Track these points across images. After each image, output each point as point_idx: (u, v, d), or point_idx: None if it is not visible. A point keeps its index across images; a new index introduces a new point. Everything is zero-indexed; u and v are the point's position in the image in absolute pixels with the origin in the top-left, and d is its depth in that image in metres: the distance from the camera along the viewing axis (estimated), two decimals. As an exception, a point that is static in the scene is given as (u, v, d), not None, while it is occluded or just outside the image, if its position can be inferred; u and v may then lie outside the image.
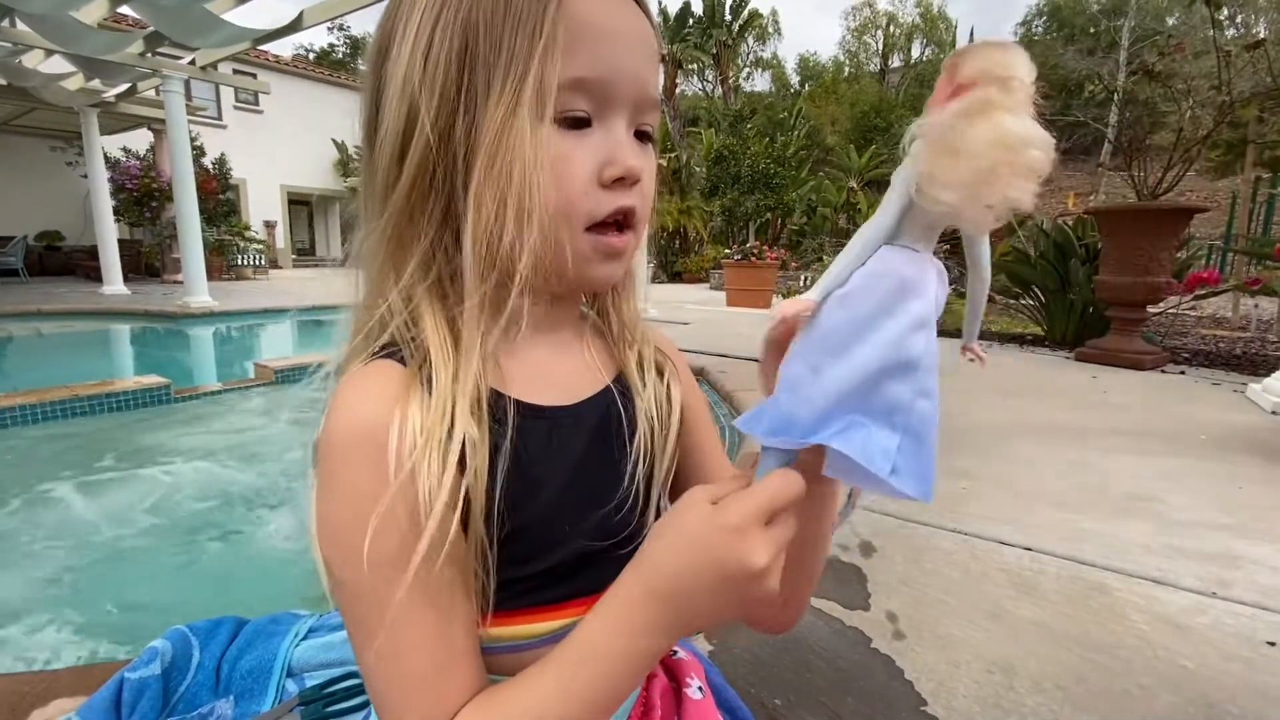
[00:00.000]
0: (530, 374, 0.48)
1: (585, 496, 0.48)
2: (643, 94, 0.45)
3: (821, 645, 1.21)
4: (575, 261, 0.45)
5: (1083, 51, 22.90)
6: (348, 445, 0.40)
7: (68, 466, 2.65)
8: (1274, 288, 4.86)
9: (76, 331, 6.96)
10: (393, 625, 0.39)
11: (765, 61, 35.61)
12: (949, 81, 0.34)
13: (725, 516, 0.37)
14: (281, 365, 4.06)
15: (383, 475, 0.39)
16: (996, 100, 0.32)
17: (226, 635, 0.81)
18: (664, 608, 0.39)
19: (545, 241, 0.43)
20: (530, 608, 0.46)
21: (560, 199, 0.43)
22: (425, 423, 0.40)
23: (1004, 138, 0.32)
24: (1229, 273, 6.55)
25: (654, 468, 0.53)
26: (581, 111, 0.43)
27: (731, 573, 0.36)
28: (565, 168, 0.43)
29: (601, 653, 0.40)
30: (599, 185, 0.44)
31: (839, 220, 16.95)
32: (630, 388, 0.53)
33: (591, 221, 0.44)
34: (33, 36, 6.45)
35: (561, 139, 0.43)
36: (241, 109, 17.63)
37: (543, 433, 0.46)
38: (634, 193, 0.45)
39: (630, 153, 0.44)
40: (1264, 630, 1.29)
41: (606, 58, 0.43)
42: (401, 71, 0.42)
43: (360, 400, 0.41)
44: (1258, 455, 2.44)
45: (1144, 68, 4.63)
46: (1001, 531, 1.72)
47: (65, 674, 1.05)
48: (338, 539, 0.40)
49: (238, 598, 1.79)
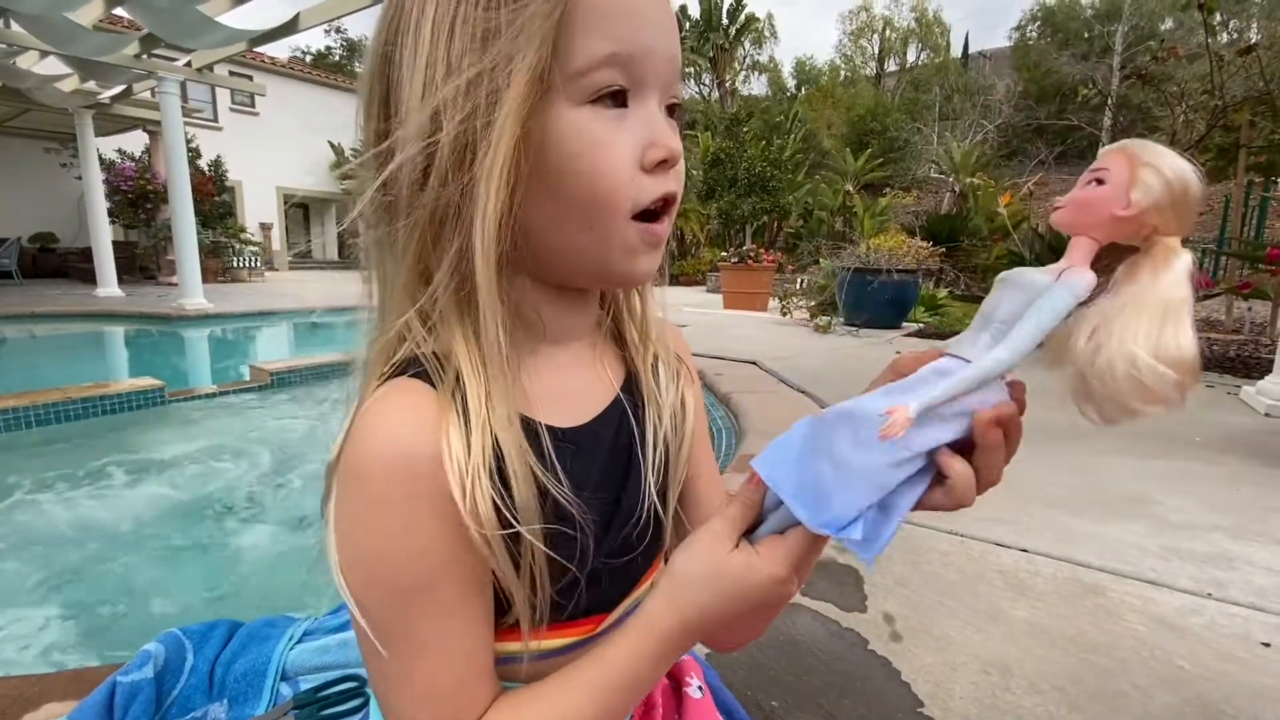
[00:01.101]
0: (550, 394, 0.46)
1: (604, 515, 0.47)
2: (671, 69, 0.42)
3: (818, 647, 1.21)
4: (622, 254, 0.42)
5: (1077, 56, 23.02)
6: (381, 475, 0.38)
7: (59, 469, 2.63)
8: (1265, 291, 4.88)
9: (70, 334, 6.92)
10: (417, 649, 0.39)
11: (762, 65, 35.74)
12: (1124, 194, 0.32)
13: (779, 569, 0.40)
14: (277, 368, 4.04)
15: (419, 506, 0.37)
16: (1178, 300, 0.31)
17: (220, 638, 0.80)
18: (695, 638, 0.42)
19: (592, 235, 0.41)
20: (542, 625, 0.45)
21: (606, 188, 0.40)
22: (465, 453, 0.38)
23: (1192, 372, 0.30)
24: (1223, 275, 6.59)
25: (668, 479, 0.52)
26: (618, 87, 0.40)
27: (777, 608, 0.42)
28: (607, 154, 0.39)
29: (629, 681, 0.42)
30: (642, 170, 0.41)
31: (835, 223, 16.98)
32: (642, 395, 0.52)
33: (637, 209, 0.41)
34: (27, 38, 6.43)
35: (599, 121, 0.39)
36: (238, 111, 17.59)
37: (568, 456, 0.44)
38: (674, 176, 0.43)
39: (671, 134, 0.42)
40: (1259, 631, 1.30)
41: (637, 30, 0.40)
42: (420, 77, 0.38)
43: (396, 428, 0.38)
44: (1252, 457, 2.45)
45: (1137, 72, 4.66)
46: (998, 533, 1.72)
47: (57, 678, 1.04)
48: (361, 566, 0.38)
49: (232, 601, 1.78)
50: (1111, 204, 0.32)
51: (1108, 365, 0.31)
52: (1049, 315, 0.33)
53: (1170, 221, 0.32)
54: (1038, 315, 0.33)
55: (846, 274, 6.62)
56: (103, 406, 3.32)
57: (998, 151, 20.78)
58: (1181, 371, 0.30)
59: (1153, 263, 0.32)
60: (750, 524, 0.42)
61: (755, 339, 5.68)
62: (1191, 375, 0.31)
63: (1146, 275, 0.32)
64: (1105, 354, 0.32)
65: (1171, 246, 0.32)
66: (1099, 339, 0.32)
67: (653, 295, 0.55)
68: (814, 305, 7.28)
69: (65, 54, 6.72)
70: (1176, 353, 0.30)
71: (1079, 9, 28.45)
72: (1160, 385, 0.31)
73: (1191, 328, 0.31)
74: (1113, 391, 0.32)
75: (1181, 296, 0.31)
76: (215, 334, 7.20)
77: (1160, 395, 0.31)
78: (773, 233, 18.05)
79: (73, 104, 9.04)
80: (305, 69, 20.71)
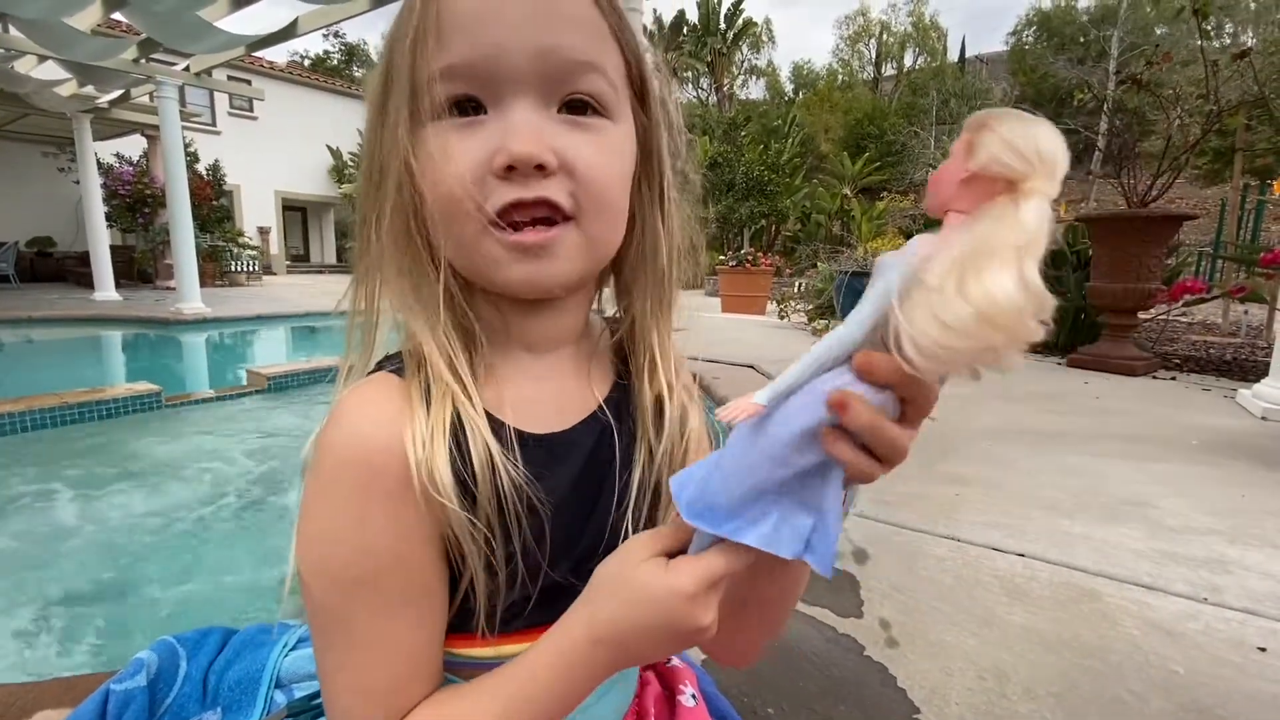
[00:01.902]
0: (522, 400, 0.46)
1: (572, 528, 0.47)
2: (546, 63, 0.39)
3: (814, 653, 1.21)
4: (488, 263, 0.41)
5: (1073, 60, 23.14)
6: (339, 463, 0.40)
7: (55, 475, 2.62)
8: (1261, 295, 4.90)
9: (67, 338, 6.90)
10: (355, 642, 0.40)
11: (759, 69, 35.87)
12: (962, 161, 0.30)
13: (681, 582, 0.37)
14: (275, 372, 4.03)
15: (370, 498, 0.38)
16: (1005, 243, 0.28)
17: (214, 646, 0.80)
18: (609, 654, 0.40)
19: (455, 246, 0.41)
20: (505, 634, 0.45)
21: (444, 197, 0.39)
22: (421, 448, 0.39)
23: (999, 316, 0.27)
24: (1220, 279, 6.61)
25: (656, 511, 0.50)
26: (462, 96, 0.39)
27: (681, 631, 0.38)
28: (445, 165, 0.39)
29: (543, 692, 0.40)
30: (495, 177, 0.39)
31: (833, 227, 17.02)
32: (633, 419, 0.50)
33: (489, 218, 0.39)
34: (26, 42, 6.43)
35: (445, 134, 0.39)
36: (236, 115, 17.60)
37: (537, 461, 0.44)
38: (546, 182, 0.39)
39: (523, 136, 0.38)
40: (1254, 635, 1.30)
41: (484, 35, 0.38)
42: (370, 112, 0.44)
43: (358, 419, 0.40)
44: (1248, 460, 2.45)
45: (1133, 78, 4.68)
46: (994, 537, 1.72)
47: (50, 685, 1.03)
48: (312, 550, 0.40)
49: (226, 607, 1.77)
50: (954, 172, 0.30)
51: (917, 317, 0.29)
52: (881, 288, 0.32)
53: (1023, 172, 0.28)
54: (872, 291, 0.33)
55: (844, 278, 6.63)
56: (99, 412, 3.31)
57: (994, 155, 20.80)
58: (993, 318, 0.27)
59: (995, 211, 0.29)
60: (680, 543, 0.40)
61: (753, 342, 5.69)
62: (1005, 322, 0.27)
63: (983, 224, 0.29)
64: (913, 306, 0.30)
65: (1023, 193, 0.28)
66: (915, 295, 0.30)
67: (668, 322, 0.51)
68: (812, 309, 7.29)
69: (64, 58, 6.73)
70: (983, 299, 0.27)
71: (1074, 14, 28.60)
72: (968, 334, 0.28)
73: (1017, 272, 0.27)
74: (929, 345, 0.29)
75: (1008, 241, 0.28)
76: (213, 338, 7.19)
77: (973, 346, 0.28)
78: (771, 236, 18.09)
79: (71, 108, 9.05)
80: (304, 73, 20.72)
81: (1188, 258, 6.35)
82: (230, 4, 5.64)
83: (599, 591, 0.40)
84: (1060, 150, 0.28)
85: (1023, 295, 0.27)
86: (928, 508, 1.91)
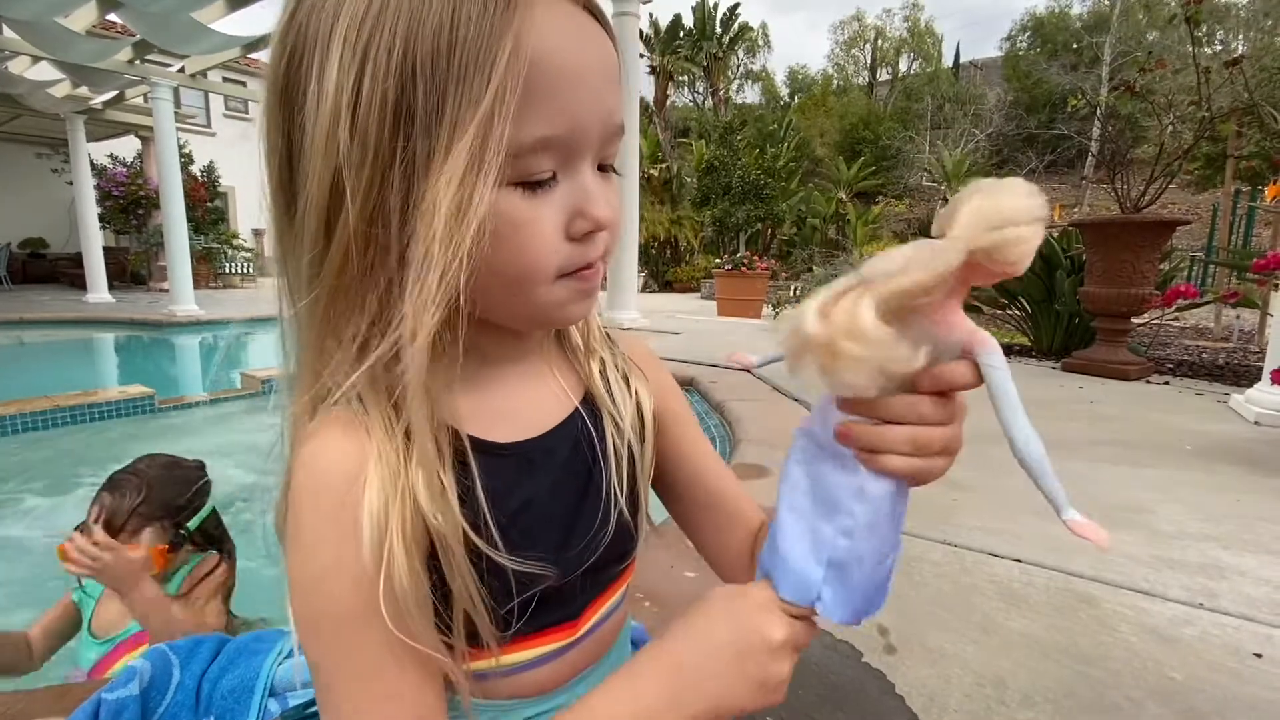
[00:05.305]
0: (494, 410, 0.46)
1: (562, 530, 0.47)
2: (605, 129, 0.40)
3: (812, 660, 1.20)
4: (549, 308, 0.42)
5: (1066, 67, 23.33)
6: (306, 505, 0.39)
7: (47, 478, 2.60)
8: (1253, 300, 4.93)
9: (60, 340, 6.87)
10: (358, 681, 0.39)
11: (755, 74, 36.01)
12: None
13: (750, 593, 0.41)
14: (269, 375, 4.02)
15: (343, 532, 0.37)
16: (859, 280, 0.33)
17: (208, 654, 0.79)
18: (674, 676, 0.39)
19: (520, 299, 0.41)
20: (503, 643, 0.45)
21: (526, 264, 0.39)
22: (385, 475, 0.38)
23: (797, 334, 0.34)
24: (1212, 284, 6.66)
25: (636, 488, 0.52)
26: (547, 173, 0.38)
27: (749, 641, 0.39)
28: (530, 233, 0.38)
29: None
30: (567, 240, 0.40)
31: (828, 231, 17.09)
32: (599, 406, 0.51)
33: (562, 274, 0.41)
34: (20, 43, 6.41)
35: (523, 202, 0.37)
36: (231, 116, 17.55)
37: (510, 471, 0.45)
38: (603, 237, 0.42)
39: (601, 202, 0.40)
40: (1250, 641, 1.30)
41: (573, 105, 0.37)
42: (323, 127, 0.35)
43: (316, 456, 0.39)
44: (1242, 465, 2.47)
45: (1125, 84, 4.71)
46: (991, 543, 1.72)
47: (42, 694, 1.02)
48: (298, 597, 0.39)
49: (221, 612, 1.76)
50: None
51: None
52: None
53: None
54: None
55: (840, 281, 6.64)
56: (92, 414, 3.29)
57: (989, 160, 21.00)
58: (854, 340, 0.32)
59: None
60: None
61: (749, 346, 5.67)
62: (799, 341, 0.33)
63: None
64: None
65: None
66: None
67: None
68: (808, 313, 7.29)
69: (58, 59, 6.70)
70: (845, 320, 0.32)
71: (1068, 20, 28.84)
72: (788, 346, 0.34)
73: (873, 306, 0.32)
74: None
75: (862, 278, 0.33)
76: (206, 340, 7.16)
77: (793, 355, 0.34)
78: (766, 240, 18.15)
79: (64, 109, 9.02)
80: (300, 75, 20.67)
81: (1181, 263, 6.40)
82: (226, 5, 5.64)
83: (702, 606, 0.42)
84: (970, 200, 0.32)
85: (819, 325, 0.32)
86: (924, 513, 1.91)
